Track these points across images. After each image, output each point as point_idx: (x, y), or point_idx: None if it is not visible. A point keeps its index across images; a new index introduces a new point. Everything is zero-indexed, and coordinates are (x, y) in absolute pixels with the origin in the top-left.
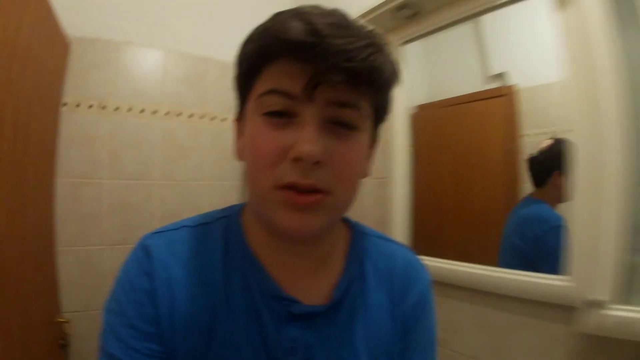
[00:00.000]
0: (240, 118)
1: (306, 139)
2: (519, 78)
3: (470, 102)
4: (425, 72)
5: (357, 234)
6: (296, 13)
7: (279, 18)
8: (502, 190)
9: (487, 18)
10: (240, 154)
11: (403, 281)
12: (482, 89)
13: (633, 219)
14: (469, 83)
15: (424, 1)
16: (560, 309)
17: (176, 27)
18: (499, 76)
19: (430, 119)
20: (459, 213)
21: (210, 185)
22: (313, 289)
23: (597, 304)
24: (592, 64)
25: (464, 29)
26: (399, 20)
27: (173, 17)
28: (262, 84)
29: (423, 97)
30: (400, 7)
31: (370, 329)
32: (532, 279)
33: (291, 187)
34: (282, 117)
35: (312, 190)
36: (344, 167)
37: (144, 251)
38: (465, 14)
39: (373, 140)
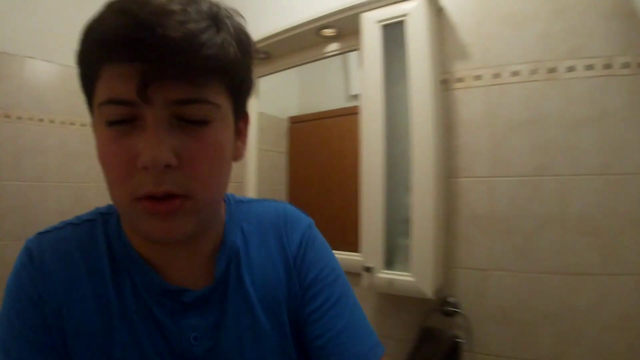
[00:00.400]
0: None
1: (148, 144)
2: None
3: (334, 117)
4: (299, 88)
5: (232, 205)
6: (121, 6)
7: (102, 15)
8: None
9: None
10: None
11: (285, 230)
12: (345, 106)
13: (393, 215)
14: (335, 100)
15: (272, 49)
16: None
17: (73, 44)
18: (356, 97)
19: (301, 130)
20: (324, 211)
21: (100, 186)
22: (198, 271)
23: (370, 270)
24: (373, 103)
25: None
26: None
27: (71, 34)
28: (100, 91)
29: (296, 110)
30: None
31: (262, 286)
32: (344, 256)
33: (148, 196)
34: (125, 124)
35: (169, 196)
36: (200, 166)
37: (28, 256)
38: (303, 61)
39: (239, 119)
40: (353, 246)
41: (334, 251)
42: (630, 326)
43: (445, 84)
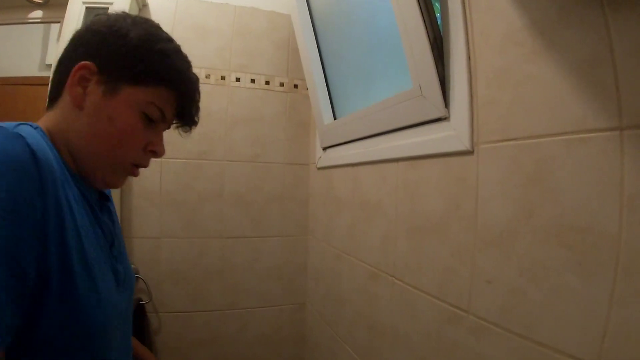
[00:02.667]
0: (105, 79)
1: (162, 144)
2: None
3: (27, 84)
4: None
5: None
6: (190, 69)
7: (188, 62)
8: None
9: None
10: (79, 102)
11: None
12: (38, 75)
13: None
14: (28, 67)
15: None
16: None
17: None
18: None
19: None
20: None
21: None
22: None
23: None
24: None
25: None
26: None
27: None
28: (152, 94)
29: None
30: None
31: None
32: None
33: (135, 165)
34: (149, 121)
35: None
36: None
37: (30, 152)
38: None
39: None
40: None
41: None
42: (280, 275)
43: None
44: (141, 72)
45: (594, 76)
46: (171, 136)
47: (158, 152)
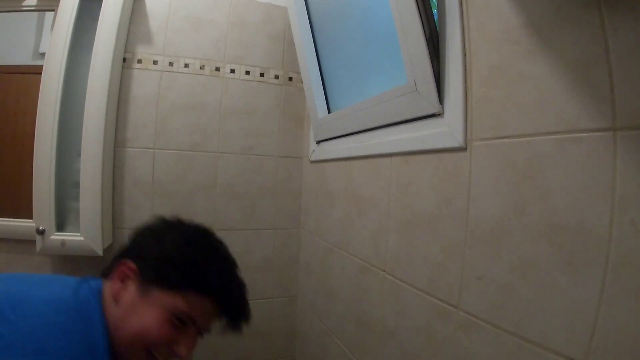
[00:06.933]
0: (142, 280)
1: (191, 349)
2: None
3: (19, 73)
4: None
5: None
6: (242, 291)
7: (239, 288)
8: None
9: None
10: (118, 296)
11: None
12: (31, 64)
13: (64, 178)
14: (22, 56)
15: None
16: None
17: None
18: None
19: None
20: None
21: None
22: None
23: (43, 232)
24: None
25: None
26: None
27: None
28: (184, 302)
29: None
30: None
31: None
32: (18, 223)
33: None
34: (180, 321)
35: None
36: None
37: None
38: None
39: None
40: (30, 213)
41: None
42: (271, 267)
43: (126, 62)
44: (169, 277)
45: (589, 76)
46: (164, 127)
47: (179, 354)
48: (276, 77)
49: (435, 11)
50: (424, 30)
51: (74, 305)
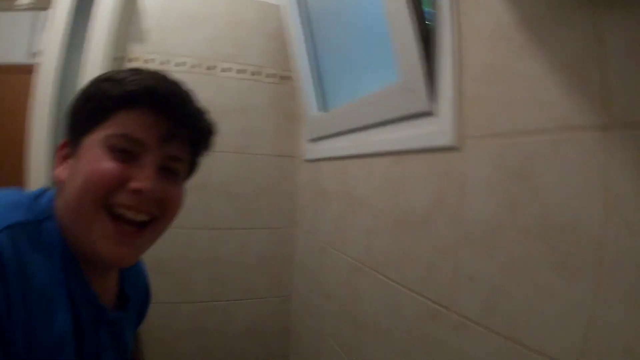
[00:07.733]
0: (72, 145)
1: (150, 178)
2: None
3: (14, 73)
4: None
5: None
6: (156, 75)
7: (143, 74)
8: None
9: None
10: (61, 178)
11: (137, 272)
12: (26, 63)
13: None
14: (16, 55)
15: None
16: None
17: None
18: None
19: None
20: None
21: None
22: (110, 296)
23: None
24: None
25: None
26: None
27: None
28: (114, 126)
29: None
30: None
31: (133, 317)
32: None
33: (119, 217)
34: (125, 154)
35: (141, 224)
36: (173, 206)
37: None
38: None
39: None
40: None
41: None
42: (266, 267)
43: (119, 60)
44: (90, 115)
45: (583, 75)
46: None
47: (140, 188)
48: (270, 75)
49: (427, 9)
50: (416, 28)
51: (29, 204)
